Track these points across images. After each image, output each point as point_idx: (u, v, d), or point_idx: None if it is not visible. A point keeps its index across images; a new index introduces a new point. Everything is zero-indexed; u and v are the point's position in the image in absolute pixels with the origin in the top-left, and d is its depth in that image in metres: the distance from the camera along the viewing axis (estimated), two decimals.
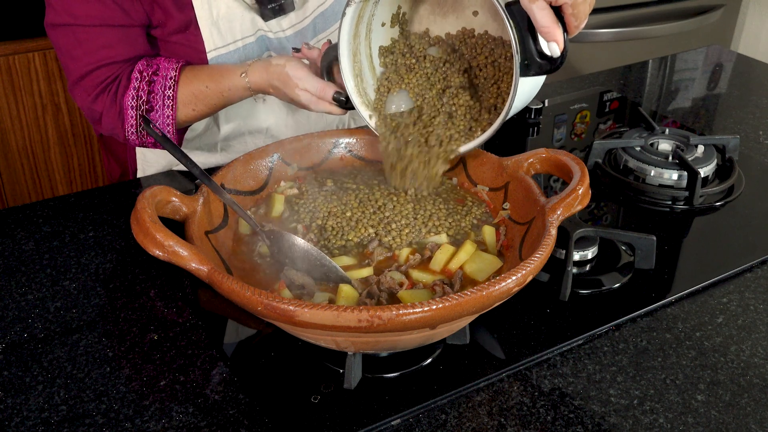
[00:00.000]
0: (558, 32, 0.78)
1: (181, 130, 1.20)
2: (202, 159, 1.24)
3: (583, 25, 0.81)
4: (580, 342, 0.86)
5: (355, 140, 1.03)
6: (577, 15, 0.79)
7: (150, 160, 1.27)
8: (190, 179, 1.16)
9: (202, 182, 0.87)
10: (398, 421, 0.75)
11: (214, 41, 1.10)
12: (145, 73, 1.07)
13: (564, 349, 0.85)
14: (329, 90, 1.01)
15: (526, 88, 0.90)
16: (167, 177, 1.19)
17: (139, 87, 1.06)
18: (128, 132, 1.09)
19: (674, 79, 1.66)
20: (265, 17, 1.13)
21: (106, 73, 1.06)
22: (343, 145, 1.03)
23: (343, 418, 0.75)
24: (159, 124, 1.08)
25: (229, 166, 0.94)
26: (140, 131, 1.09)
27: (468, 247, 0.87)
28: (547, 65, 0.82)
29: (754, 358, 0.84)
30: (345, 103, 1.01)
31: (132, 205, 0.78)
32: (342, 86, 1.00)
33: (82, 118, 2.01)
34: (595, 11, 2.37)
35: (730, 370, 0.82)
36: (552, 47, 0.80)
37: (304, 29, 1.18)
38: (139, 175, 1.29)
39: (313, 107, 1.03)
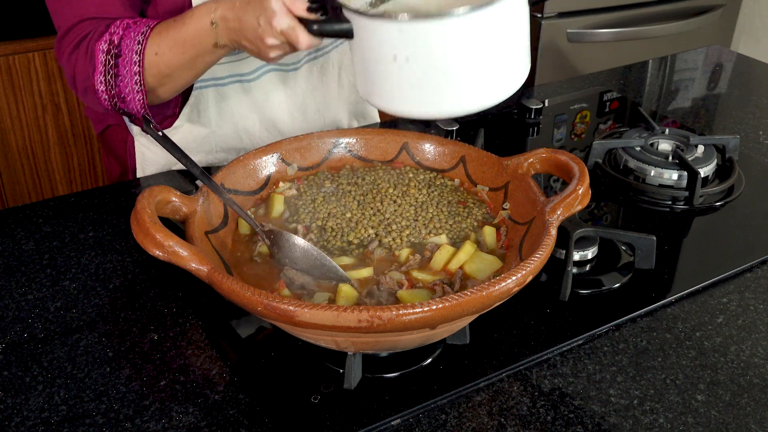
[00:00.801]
0: None
1: (160, 109, 1.16)
2: (199, 158, 1.24)
3: None
4: (580, 342, 0.86)
5: (355, 140, 1.03)
6: None
7: (149, 159, 1.26)
8: (190, 179, 1.16)
9: (202, 182, 0.87)
10: (398, 421, 0.75)
11: None
12: (126, 22, 1.02)
13: (564, 349, 0.85)
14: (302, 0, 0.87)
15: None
16: (167, 177, 1.19)
17: (113, 32, 1.01)
18: (98, 82, 1.02)
19: (674, 79, 1.66)
20: None
21: (89, 26, 1.03)
22: (343, 145, 1.03)
23: (343, 418, 0.75)
24: (126, 72, 1.01)
25: (229, 166, 0.94)
26: (108, 80, 1.02)
27: (468, 248, 0.87)
28: None
29: (754, 358, 0.84)
30: (318, 23, 0.85)
31: (132, 205, 0.78)
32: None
33: (81, 118, 2.01)
34: (595, 11, 2.38)
35: (730, 370, 0.82)
36: None
37: None
38: (139, 173, 1.28)
39: (278, 19, 0.87)
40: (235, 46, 0.97)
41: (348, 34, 0.84)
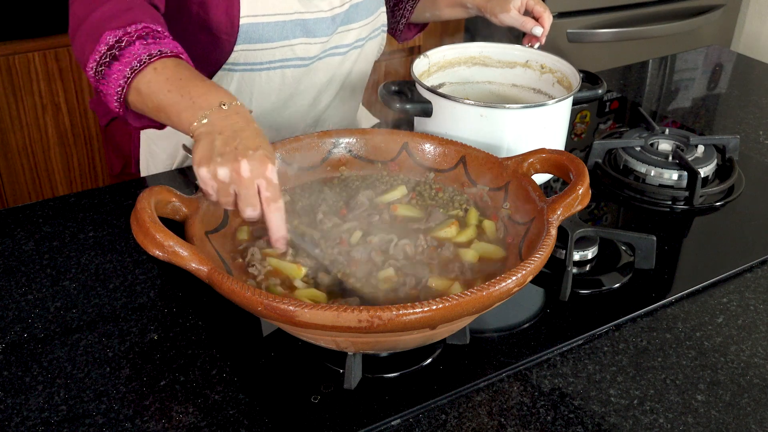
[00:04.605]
0: None
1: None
2: None
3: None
4: (580, 342, 0.86)
5: (355, 140, 1.03)
6: None
7: (154, 152, 1.26)
8: (191, 179, 1.16)
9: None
10: (398, 421, 0.75)
11: (252, 7, 1.08)
12: (145, 30, 0.92)
13: (564, 349, 0.85)
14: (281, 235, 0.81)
15: None
16: (167, 177, 1.19)
17: (129, 32, 0.90)
18: (89, 66, 0.92)
19: (674, 79, 1.66)
20: None
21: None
22: (343, 145, 1.03)
23: (343, 418, 0.75)
24: (113, 78, 0.91)
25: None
26: (97, 71, 0.92)
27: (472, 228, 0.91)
28: None
29: (754, 358, 0.84)
30: (401, 102, 1.06)
31: (132, 205, 0.78)
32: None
33: (82, 118, 2.01)
34: (595, 11, 2.38)
35: (730, 370, 0.82)
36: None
37: (342, 14, 1.19)
38: (142, 166, 1.28)
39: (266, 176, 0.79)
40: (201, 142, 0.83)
41: (429, 113, 1.07)
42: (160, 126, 1.01)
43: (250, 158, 0.78)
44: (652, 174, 1.17)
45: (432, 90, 1.06)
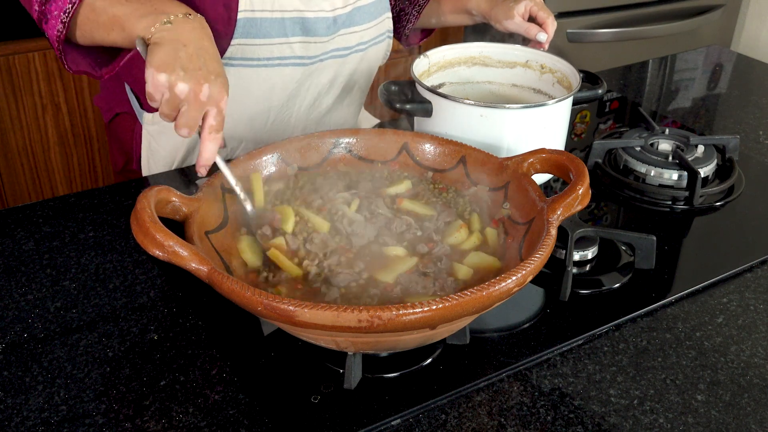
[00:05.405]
0: None
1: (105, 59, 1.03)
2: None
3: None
4: (580, 342, 0.86)
5: (355, 140, 1.03)
6: None
7: (154, 149, 1.26)
8: (190, 179, 1.16)
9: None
10: (398, 421, 0.75)
11: (251, 1, 1.08)
12: None
13: (564, 349, 0.85)
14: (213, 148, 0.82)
15: None
16: (167, 177, 1.19)
17: None
18: None
19: (674, 79, 1.66)
20: None
21: None
22: (343, 145, 1.03)
23: (343, 418, 0.75)
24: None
25: (229, 166, 0.94)
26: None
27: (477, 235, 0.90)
28: None
29: (754, 358, 0.84)
30: (401, 102, 1.05)
31: (132, 205, 0.78)
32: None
33: (82, 118, 2.01)
34: (595, 11, 2.38)
35: (730, 370, 0.83)
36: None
37: (344, 16, 1.18)
38: (143, 163, 1.28)
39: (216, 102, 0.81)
40: (158, 49, 0.83)
41: (429, 113, 1.07)
42: (100, 68, 1.02)
43: (212, 83, 0.80)
44: (652, 174, 1.17)
45: (432, 90, 1.06)
